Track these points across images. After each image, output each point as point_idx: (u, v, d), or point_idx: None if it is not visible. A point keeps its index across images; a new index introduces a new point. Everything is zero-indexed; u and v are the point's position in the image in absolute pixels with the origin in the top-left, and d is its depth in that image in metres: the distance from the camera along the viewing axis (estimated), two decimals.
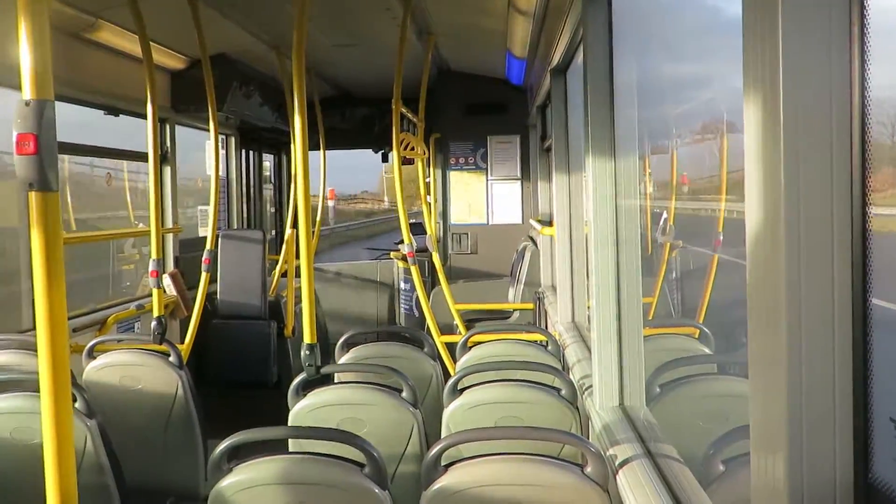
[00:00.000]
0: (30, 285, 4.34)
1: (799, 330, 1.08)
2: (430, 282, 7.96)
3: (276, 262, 7.31)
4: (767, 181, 1.12)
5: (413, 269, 5.38)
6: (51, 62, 1.79)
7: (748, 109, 1.17)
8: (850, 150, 1.07)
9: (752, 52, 1.16)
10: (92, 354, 4.33)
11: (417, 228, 8.24)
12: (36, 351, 1.87)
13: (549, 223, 6.00)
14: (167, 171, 6.25)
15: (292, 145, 4.81)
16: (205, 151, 7.20)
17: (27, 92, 1.76)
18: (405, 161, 7.06)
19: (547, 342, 4.25)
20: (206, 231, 5.69)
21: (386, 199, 49.87)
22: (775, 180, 1.09)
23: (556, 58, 4.66)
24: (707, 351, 3.30)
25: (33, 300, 1.86)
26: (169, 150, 6.30)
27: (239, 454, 2.47)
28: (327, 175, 8.29)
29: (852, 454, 1.08)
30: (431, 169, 8.48)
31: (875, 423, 1.07)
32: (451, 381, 3.31)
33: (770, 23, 1.09)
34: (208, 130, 5.57)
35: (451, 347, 4.87)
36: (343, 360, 4.22)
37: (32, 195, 1.78)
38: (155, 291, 4.74)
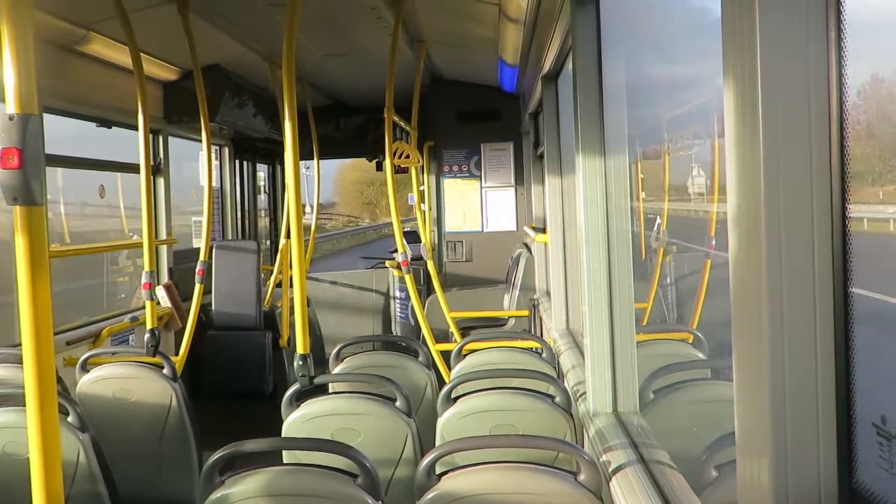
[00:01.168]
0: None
1: (781, 336, 1.08)
2: (426, 290, 7.96)
3: (271, 272, 7.30)
4: (747, 188, 1.12)
5: (408, 278, 5.38)
6: (35, 76, 1.78)
7: (728, 110, 1.17)
8: (829, 153, 1.07)
9: (732, 53, 1.16)
10: (85, 367, 4.32)
11: (412, 237, 8.25)
12: None
13: (544, 230, 6.00)
14: (160, 182, 6.25)
15: (285, 155, 4.82)
16: (199, 164, 7.20)
17: (11, 106, 1.76)
18: (399, 169, 7.07)
19: (542, 349, 4.25)
20: (200, 242, 5.68)
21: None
22: (755, 186, 1.09)
23: (548, 65, 4.68)
24: (700, 356, 3.29)
25: None
26: (162, 161, 6.30)
27: (233, 466, 2.46)
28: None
29: (836, 459, 1.08)
30: (425, 177, 8.48)
31: (858, 427, 1.07)
32: (444, 390, 3.30)
33: (748, 24, 1.09)
34: (201, 141, 5.57)
35: (446, 356, 4.86)
36: (337, 369, 4.21)
37: (17, 209, 1.77)
38: (148, 303, 4.73)
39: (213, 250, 6.37)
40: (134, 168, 5.44)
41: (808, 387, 1.08)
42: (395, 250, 5.82)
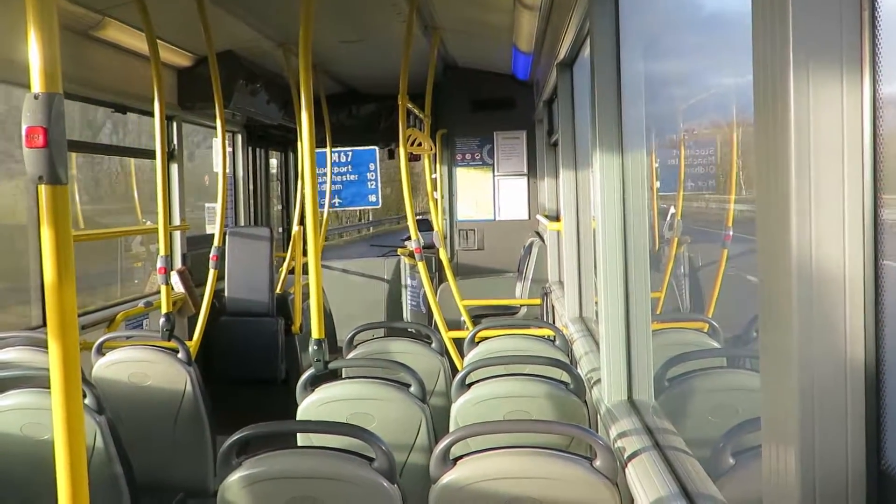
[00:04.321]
0: (38, 282, 4.37)
1: (810, 321, 1.08)
2: (437, 278, 7.97)
3: (284, 258, 7.33)
4: (776, 174, 1.12)
5: (420, 265, 5.39)
6: (59, 55, 1.78)
7: (758, 106, 1.16)
8: (861, 141, 1.07)
9: (762, 52, 1.15)
10: (101, 351, 4.35)
11: (424, 225, 8.26)
12: (45, 347, 1.87)
13: (556, 218, 5.99)
14: (174, 168, 6.27)
15: (299, 142, 4.81)
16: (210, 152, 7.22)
17: (36, 85, 1.76)
18: (412, 157, 7.06)
19: (555, 337, 4.25)
20: (214, 228, 5.71)
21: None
22: (785, 173, 1.09)
23: (563, 52, 4.65)
24: (715, 345, 3.28)
25: (42, 297, 1.86)
26: (176, 147, 6.31)
27: (248, 449, 2.48)
28: None
29: (864, 443, 1.07)
30: (438, 165, 8.48)
31: (887, 411, 1.07)
32: (458, 376, 3.31)
33: (779, 9, 1.08)
34: (215, 128, 5.58)
35: (458, 343, 4.87)
36: (351, 355, 4.23)
37: (42, 189, 1.78)
38: (163, 288, 4.76)
39: (227, 236, 6.40)
40: (149, 154, 5.45)
41: (837, 372, 1.08)
42: (408, 238, 5.83)
